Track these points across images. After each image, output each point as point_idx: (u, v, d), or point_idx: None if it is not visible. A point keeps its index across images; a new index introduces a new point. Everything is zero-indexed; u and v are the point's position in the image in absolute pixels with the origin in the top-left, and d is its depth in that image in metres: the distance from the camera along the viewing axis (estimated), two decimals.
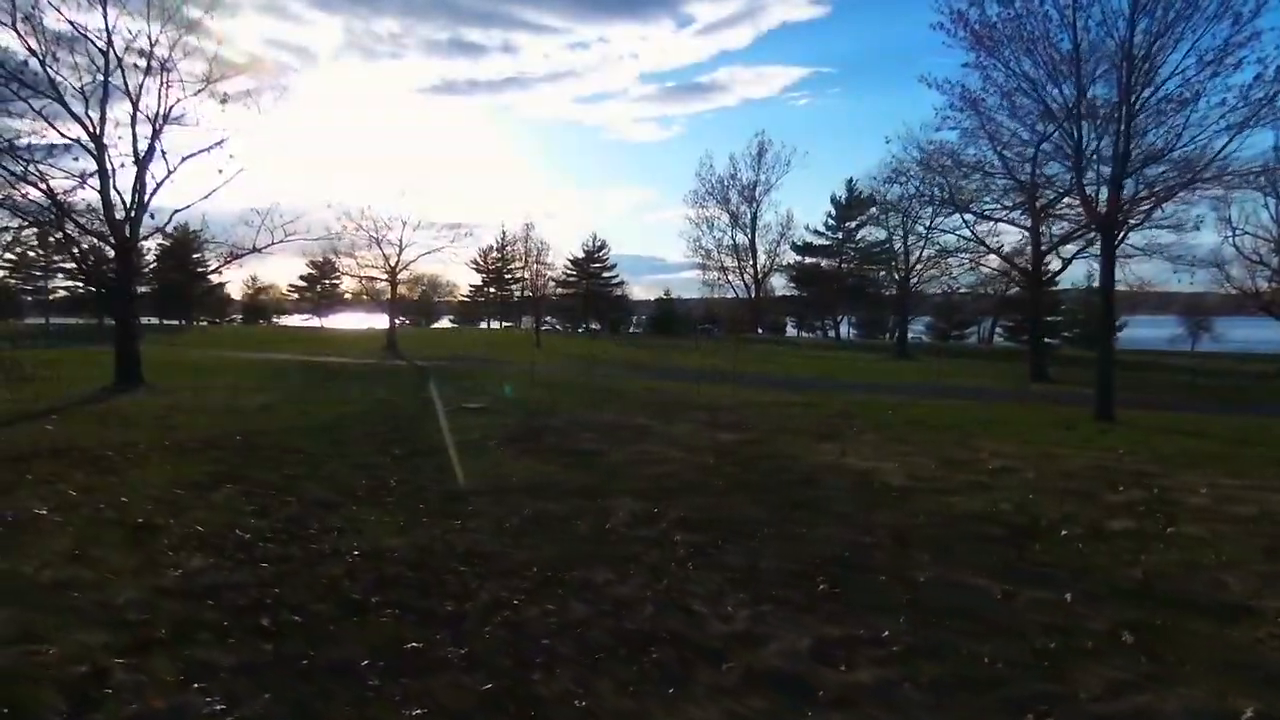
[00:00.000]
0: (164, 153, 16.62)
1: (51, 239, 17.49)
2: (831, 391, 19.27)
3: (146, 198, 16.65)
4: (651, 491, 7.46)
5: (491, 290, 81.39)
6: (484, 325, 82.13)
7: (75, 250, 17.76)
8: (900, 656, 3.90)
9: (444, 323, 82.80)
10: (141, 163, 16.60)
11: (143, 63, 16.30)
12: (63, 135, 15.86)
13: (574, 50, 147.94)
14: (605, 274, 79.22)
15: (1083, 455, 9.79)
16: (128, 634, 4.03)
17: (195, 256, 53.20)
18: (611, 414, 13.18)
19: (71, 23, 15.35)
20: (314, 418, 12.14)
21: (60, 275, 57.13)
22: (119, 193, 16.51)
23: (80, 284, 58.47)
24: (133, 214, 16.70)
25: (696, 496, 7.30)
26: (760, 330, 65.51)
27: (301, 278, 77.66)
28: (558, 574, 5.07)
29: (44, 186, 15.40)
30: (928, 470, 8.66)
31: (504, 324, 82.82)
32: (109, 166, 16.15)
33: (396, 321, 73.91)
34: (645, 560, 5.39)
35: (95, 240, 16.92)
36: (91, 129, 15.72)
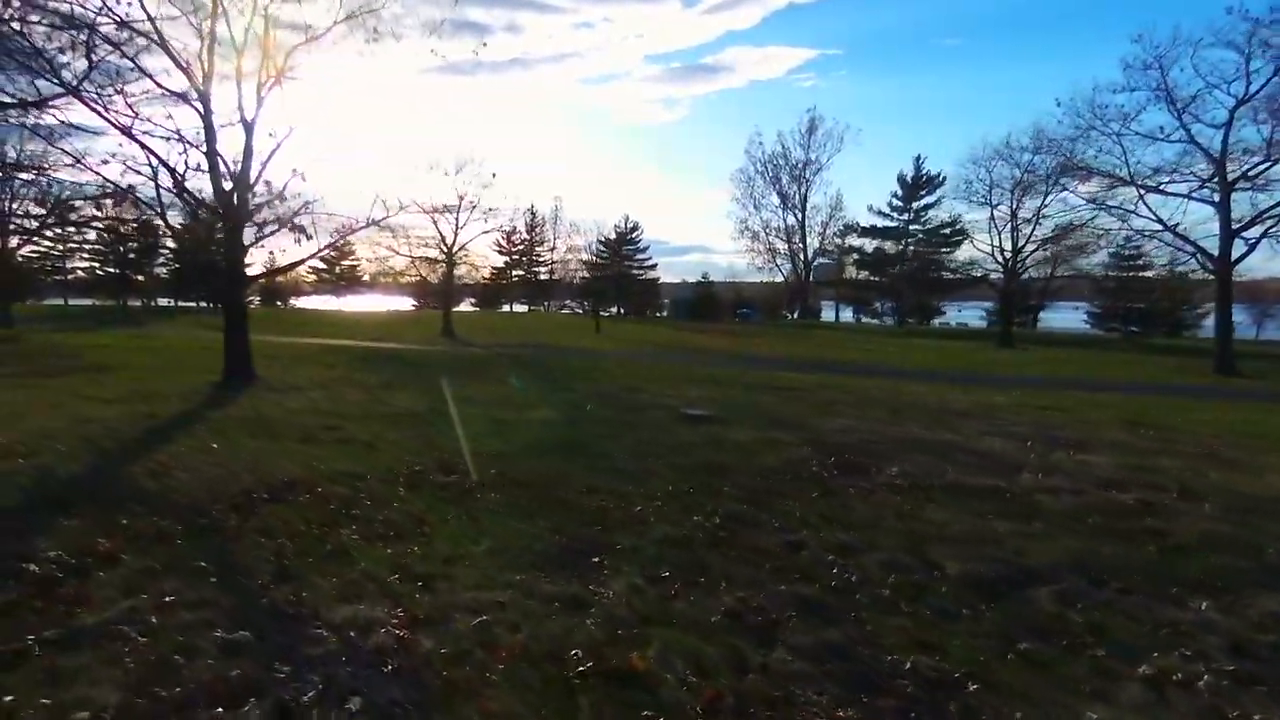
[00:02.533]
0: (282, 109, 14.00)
1: (151, 210, 14.73)
2: (1027, 390, 16.85)
3: (260, 165, 14.07)
4: (1239, 582, 5.04)
5: (518, 273, 78.64)
6: (505, 308, 79.35)
7: (176, 225, 15.17)
8: None
9: (465, 305, 79.86)
10: (250, 125, 13.99)
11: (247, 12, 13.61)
12: (160, 87, 13.26)
13: (579, 30, 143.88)
14: (638, 256, 76.61)
15: None
16: None
17: (220, 237, 50.21)
18: (871, 422, 10.73)
19: None
20: (522, 432, 9.68)
21: (82, 255, 54.28)
22: (223, 160, 13.94)
23: (101, 265, 55.78)
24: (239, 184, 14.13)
25: None
26: (801, 315, 62.98)
27: (320, 259, 74.88)
28: None
29: (150, 151, 12.84)
30: None
31: (529, 307, 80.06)
32: (214, 126, 13.58)
33: (418, 304, 71.22)
34: None
35: (202, 212, 14.31)
36: (201, 77, 13.09)
